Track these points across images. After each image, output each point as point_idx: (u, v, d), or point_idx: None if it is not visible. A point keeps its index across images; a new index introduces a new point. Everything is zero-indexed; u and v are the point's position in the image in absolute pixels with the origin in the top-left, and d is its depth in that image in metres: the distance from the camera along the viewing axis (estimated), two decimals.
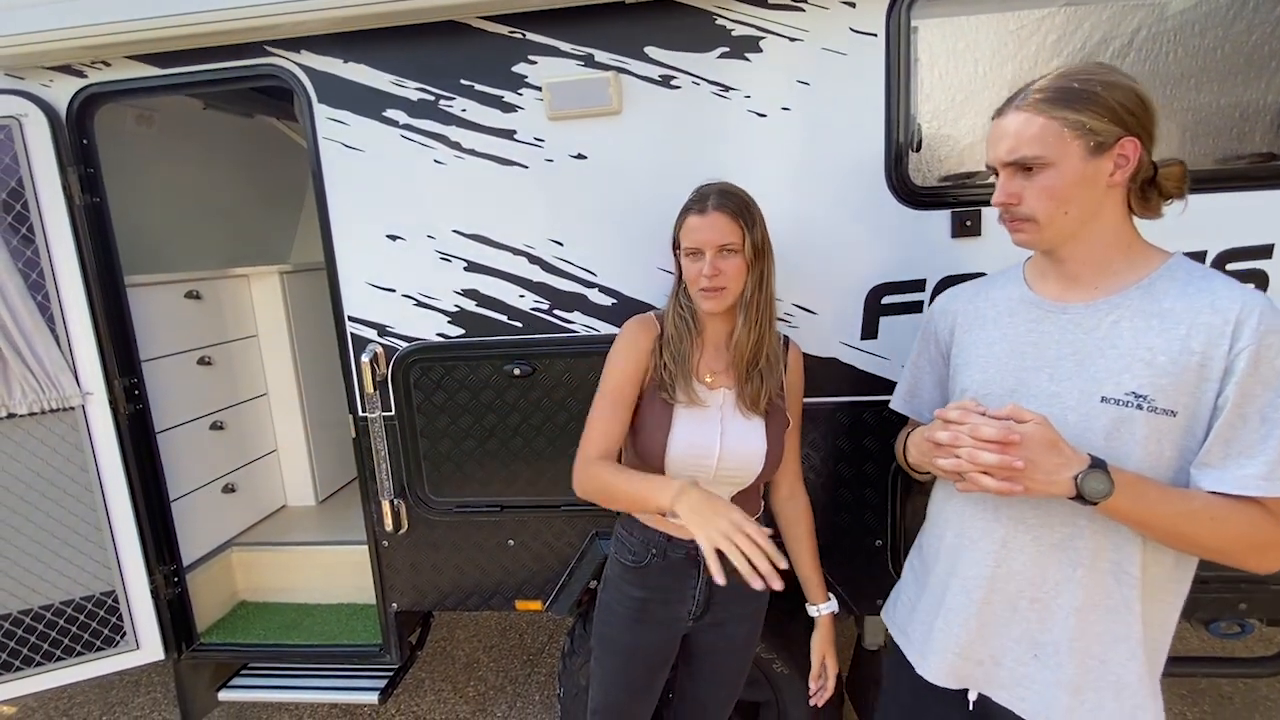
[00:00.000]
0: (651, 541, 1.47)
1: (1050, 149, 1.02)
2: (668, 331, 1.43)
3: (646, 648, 1.52)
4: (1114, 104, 1.00)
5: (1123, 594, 1.07)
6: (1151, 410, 1.01)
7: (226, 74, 1.81)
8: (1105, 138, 1.00)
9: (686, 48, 1.63)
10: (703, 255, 1.35)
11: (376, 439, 1.90)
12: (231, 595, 2.57)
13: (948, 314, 1.29)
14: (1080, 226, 1.06)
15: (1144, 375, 1.01)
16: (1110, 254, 1.08)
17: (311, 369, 3.03)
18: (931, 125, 1.61)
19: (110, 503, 2.06)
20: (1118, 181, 1.03)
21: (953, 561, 1.21)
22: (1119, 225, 1.07)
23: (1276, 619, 1.80)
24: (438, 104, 1.73)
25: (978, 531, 1.17)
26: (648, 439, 1.41)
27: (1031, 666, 1.13)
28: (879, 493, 1.78)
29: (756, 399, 1.41)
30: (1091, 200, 1.04)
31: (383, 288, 1.85)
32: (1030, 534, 1.11)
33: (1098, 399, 1.04)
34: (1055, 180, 1.03)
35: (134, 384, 2.11)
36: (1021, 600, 1.13)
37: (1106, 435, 1.03)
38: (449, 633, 3.39)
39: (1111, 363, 1.04)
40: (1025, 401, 1.08)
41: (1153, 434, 1.01)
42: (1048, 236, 1.08)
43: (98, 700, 2.98)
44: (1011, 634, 1.14)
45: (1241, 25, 1.50)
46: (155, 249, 2.80)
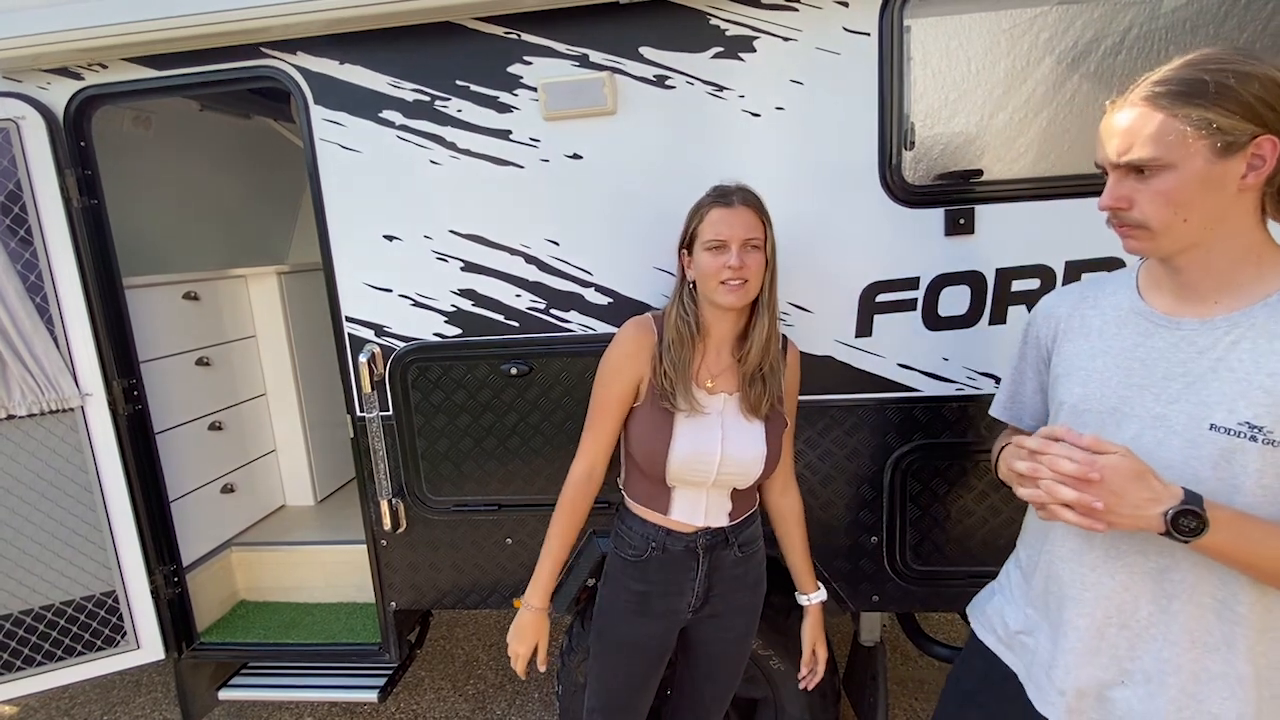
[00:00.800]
0: (650, 535, 1.48)
1: (1169, 150, 0.90)
2: (668, 337, 1.41)
3: (647, 641, 1.53)
4: (1250, 98, 0.87)
5: (1224, 631, 0.98)
6: (1268, 443, 0.91)
7: (223, 76, 1.81)
8: (1237, 137, 0.88)
9: (681, 48, 1.64)
10: (727, 248, 1.34)
11: (374, 439, 1.91)
12: (231, 595, 2.58)
13: (1051, 318, 1.19)
14: (1202, 235, 0.94)
15: (1263, 403, 0.91)
16: (1236, 266, 0.96)
17: (309, 369, 3.04)
18: (924, 124, 1.62)
19: (110, 503, 2.07)
20: (1251, 185, 0.91)
21: (1045, 579, 1.15)
22: (1250, 233, 0.95)
23: None
24: (433, 105, 1.74)
25: (1069, 552, 1.10)
26: (649, 447, 1.42)
27: (1118, 691, 1.06)
28: (875, 489, 1.79)
29: (759, 405, 1.42)
30: (1217, 206, 0.92)
31: (380, 288, 1.85)
32: (1123, 560, 1.03)
33: (1206, 426, 0.94)
34: (1173, 184, 0.91)
35: (133, 385, 2.12)
36: (1109, 626, 1.06)
37: (1214, 465, 0.94)
38: (448, 631, 3.40)
39: (1227, 387, 0.94)
40: (1127, 423, 1.01)
41: (1269, 468, 0.91)
42: (1163, 245, 0.97)
43: (99, 700, 2.99)
44: (1100, 660, 1.07)
45: (1233, 23, 1.51)
46: (153, 250, 2.81)
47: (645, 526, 1.49)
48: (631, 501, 1.52)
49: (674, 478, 1.42)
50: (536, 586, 1.51)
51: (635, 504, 1.51)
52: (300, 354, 3.00)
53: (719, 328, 1.44)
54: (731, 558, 1.51)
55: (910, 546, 1.81)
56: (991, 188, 1.61)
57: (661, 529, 1.48)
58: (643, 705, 1.61)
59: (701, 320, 1.43)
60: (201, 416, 2.62)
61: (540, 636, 1.51)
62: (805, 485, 1.80)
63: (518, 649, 1.50)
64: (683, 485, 1.45)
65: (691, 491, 1.45)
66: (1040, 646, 1.15)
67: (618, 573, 1.54)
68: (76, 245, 1.95)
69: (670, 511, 1.47)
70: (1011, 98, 1.59)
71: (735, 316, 1.43)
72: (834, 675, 2.05)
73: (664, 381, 1.40)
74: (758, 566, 1.58)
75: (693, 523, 1.47)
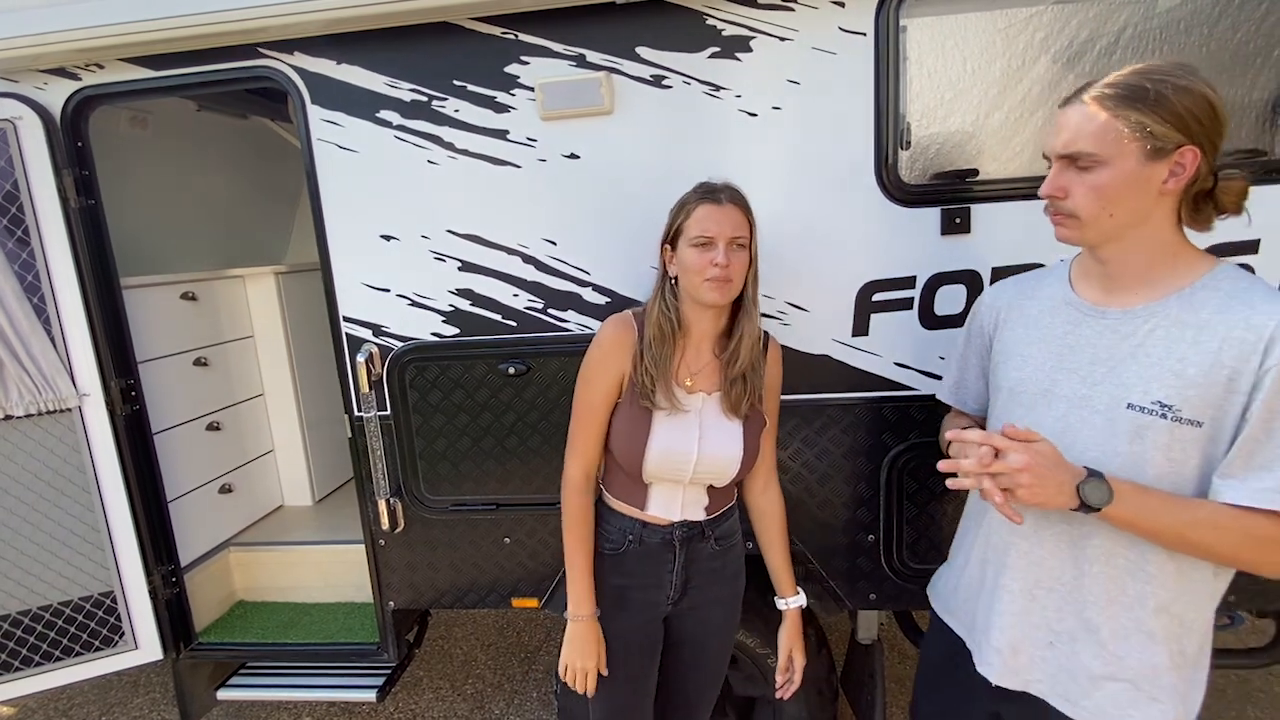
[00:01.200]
0: (628, 529, 1.49)
1: (1106, 147, 1.00)
2: (649, 333, 1.41)
3: (631, 635, 1.54)
4: (1182, 109, 0.97)
5: (1137, 589, 1.08)
6: (1176, 420, 1.01)
7: (220, 76, 1.81)
8: (1165, 143, 0.98)
9: (677, 48, 1.64)
10: (714, 245, 1.35)
11: (372, 438, 1.92)
12: (229, 595, 2.58)
13: (993, 308, 1.31)
14: (1125, 230, 1.05)
15: (1173, 385, 1.02)
16: (1154, 261, 1.06)
17: (307, 369, 3.04)
18: (920, 123, 1.63)
19: (108, 503, 2.07)
20: (1170, 189, 1.01)
21: (983, 550, 1.27)
22: (1166, 233, 1.05)
23: (1265, 611, 1.82)
24: (431, 105, 1.74)
25: (1004, 524, 1.20)
26: (626, 443, 1.42)
27: (1047, 652, 1.17)
28: (872, 488, 1.79)
29: (739, 404, 1.43)
30: (1140, 205, 1.02)
31: (377, 288, 1.86)
32: (1050, 529, 1.14)
33: (1124, 405, 1.05)
34: (1106, 179, 1.01)
35: (130, 385, 2.12)
36: (1039, 590, 1.17)
37: (1130, 441, 1.04)
38: (447, 631, 3.40)
39: (1143, 370, 1.05)
40: (1056, 403, 1.12)
41: (1175, 443, 1.02)
42: (1089, 235, 1.07)
43: (97, 701, 2.99)
44: (1030, 621, 1.18)
45: (1227, 23, 1.52)
46: (151, 251, 2.81)
47: (622, 520, 1.50)
48: (608, 496, 1.53)
49: (650, 475, 1.43)
50: (579, 593, 1.46)
51: (612, 498, 1.52)
52: (298, 354, 3.01)
53: (700, 325, 1.44)
54: (708, 550, 1.52)
55: (907, 545, 1.81)
56: (987, 187, 1.62)
57: (638, 521, 1.49)
58: (646, 704, 1.60)
59: (683, 317, 1.43)
60: (199, 417, 2.62)
61: (601, 644, 1.46)
62: (802, 484, 1.81)
63: (584, 664, 1.44)
64: (659, 482, 1.46)
65: (668, 488, 1.47)
66: (979, 612, 1.27)
67: (595, 569, 1.53)
68: (74, 245, 1.95)
69: (647, 507, 1.48)
70: (1007, 97, 1.59)
71: (716, 314, 1.44)
72: (832, 674, 2.05)
73: (644, 379, 1.39)
74: (736, 560, 1.58)
75: (669, 517, 1.48)
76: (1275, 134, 1.55)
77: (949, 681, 1.37)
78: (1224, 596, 1.09)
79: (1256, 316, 0.98)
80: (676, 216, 1.40)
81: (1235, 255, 1.57)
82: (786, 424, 1.78)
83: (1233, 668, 2.57)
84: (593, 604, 1.47)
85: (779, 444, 1.79)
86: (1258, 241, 1.56)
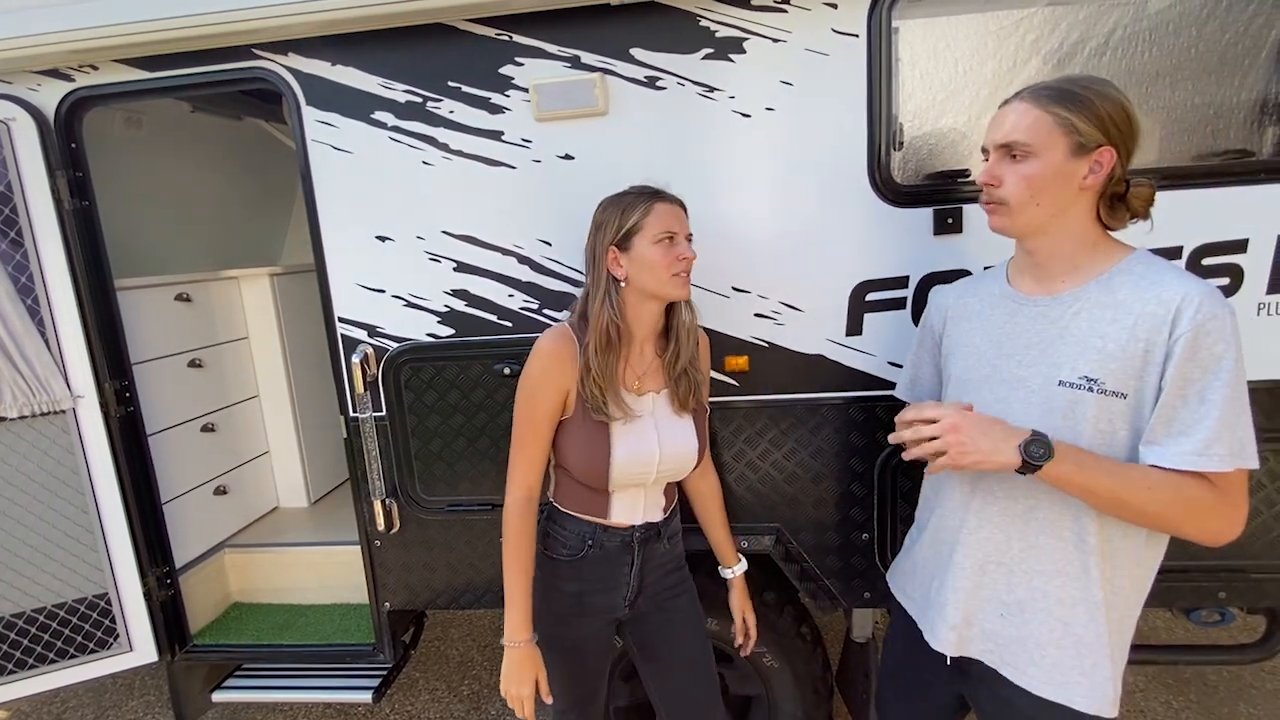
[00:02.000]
0: (587, 534, 1.50)
1: (1038, 139, 1.11)
2: (595, 343, 1.39)
3: (590, 639, 1.56)
4: (1103, 113, 1.08)
5: (1082, 560, 1.17)
6: (1101, 392, 1.11)
7: (214, 77, 1.81)
8: (1088, 141, 1.09)
9: (671, 49, 1.65)
10: (677, 239, 1.39)
11: (368, 439, 1.92)
12: (224, 597, 2.57)
13: (940, 308, 1.41)
14: (1048, 220, 1.15)
15: (1096, 360, 1.11)
16: (1075, 251, 1.17)
17: (303, 370, 3.04)
18: (913, 124, 1.64)
19: (102, 505, 2.06)
20: (1089, 185, 1.12)
21: (936, 531, 1.36)
22: (1086, 226, 1.16)
23: (1256, 607, 1.84)
24: (425, 106, 1.74)
25: (955, 504, 1.30)
26: (587, 458, 1.42)
27: (998, 624, 1.25)
28: (865, 487, 1.80)
29: (686, 399, 1.47)
30: (1063, 197, 1.13)
31: (372, 289, 1.86)
32: (997, 505, 1.23)
33: (1056, 383, 1.15)
34: (1035, 170, 1.12)
35: (125, 387, 2.12)
36: (989, 564, 1.25)
37: (1063, 416, 1.14)
38: (443, 632, 3.40)
39: (1070, 349, 1.14)
40: (997, 387, 1.22)
41: (1103, 414, 1.11)
42: (1017, 223, 1.17)
43: (91, 704, 2.98)
44: (982, 595, 1.26)
45: (1215, 25, 1.53)
46: (145, 252, 2.80)
47: (581, 525, 1.50)
48: (564, 509, 1.53)
49: (616, 484, 1.45)
50: (516, 619, 1.44)
51: (570, 510, 1.52)
52: (293, 355, 3.00)
53: (642, 327, 1.46)
54: (662, 549, 1.56)
55: (901, 543, 1.82)
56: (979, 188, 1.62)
57: (597, 525, 1.50)
58: (603, 688, 1.66)
59: (626, 321, 1.43)
60: (194, 418, 2.62)
61: (538, 669, 1.45)
62: (798, 483, 1.82)
63: (519, 691, 1.42)
64: (622, 490, 1.47)
65: (630, 494, 1.48)
66: (932, 591, 1.35)
67: (549, 576, 1.53)
68: (68, 247, 1.94)
69: (610, 515, 1.49)
70: (998, 98, 1.59)
71: (656, 314, 1.46)
72: (827, 672, 2.06)
73: (593, 392, 1.39)
74: (680, 554, 1.64)
75: (631, 521, 1.50)
76: (1262, 135, 1.56)
77: (909, 667, 1.44)
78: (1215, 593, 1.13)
79: (1165, 292, 1.07)
80: (626, 217, 1.39)
81: (1224, 254, 1.58)
82: (781, 424, 1.79)
83: (1224, 664, 2.59)
84: (530, 630, 1.45)
85: (775, 444, 1.80)
86: (1246, 241, 1.58)
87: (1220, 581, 1.74)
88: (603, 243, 1.42)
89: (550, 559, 1.53)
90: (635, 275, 1.40)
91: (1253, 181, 1.56)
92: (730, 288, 1.74)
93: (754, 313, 1.74)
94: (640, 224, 1.38)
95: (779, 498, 1.83)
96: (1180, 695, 2.63)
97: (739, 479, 1.83)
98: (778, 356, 1.76)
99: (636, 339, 1.46)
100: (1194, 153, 1.58)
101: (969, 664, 1.31)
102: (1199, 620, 1.82)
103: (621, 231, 1.39)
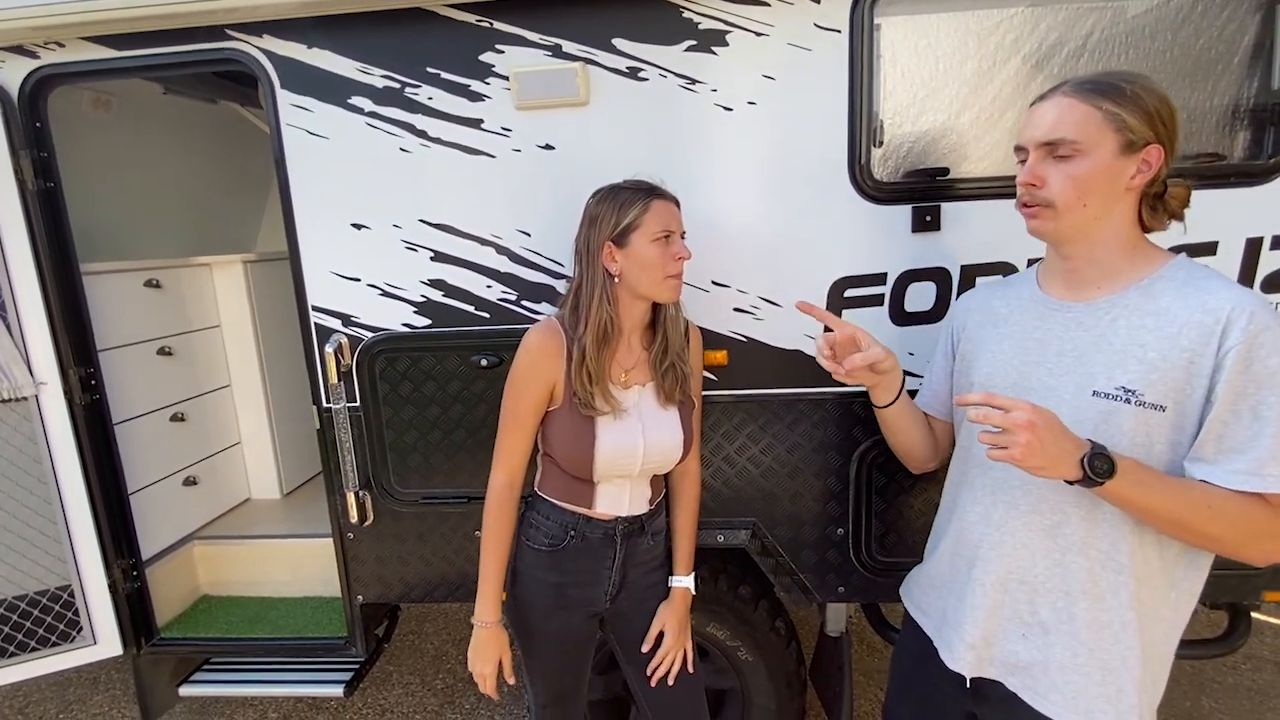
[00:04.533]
0: (570, 524, 1.49)
1: (1088, 136, 1.04)
2: (588, 339, 1.38)
3: (571, 632, 1.55)
4: (1151, 109, 1.03)
5: (1110, 580, 1.10)
6: (1140, 404, 1.05)
7: (186, 58, 1.77)
8: (1137, 139, 1.03)
9: (654, 40, 1.64)
10: (673, 238, 1.38)
11: (341, 430, 1.89)
12: (193, 589, 2.53)
13: (966, 310, 1.35)
14: (1093, 223, 1.09)
15: (1136, 371, 1.05)
16: (1115, 256, 1.11)
17: (277, 360, 2.99)
18: (893, 121, 1.64)
19: (65, 495, 2.01)
20: (1136, 185, 1.07)
21: (955, 543, 1.29)
22: (1128, 229, 1.10)
23: (1218, 603, 1.88)
24: (404, 91, 1.72)
25: (976, 515, 1.24)
26: (572, 448, 1.42)
27: (1019, 645, 1.18)
28: (841, 482, 1.81)
29: (673, 392, 1.46)
30: (1109, 199, 1.07)
31: (347, 277, 1.83)
32: (1021, 519, 1.16)
33: (1090, 393, 1.09)
34: (1084, 169, 1.05)
35: (90, 374, 2.06)
36: (1011, 581, 1.18)
37: (1095, 428, 1.07)
38: (418, 626, 3.37)
39: (1106, 358, 1.08)
40: (1025, 395, 1.12)
41: (1140, 427, 1.05)
42: (1062, 227, 1.10)
43: (55, 698, 2.92)
44: (1003, 614, 1.20)
45: (1190, 29, 1.55)
46: (113, 236, 2.74)
47: (564, 515, 1.50)
48: (549, 497, 1.52)
49: (600, 474, 1.44)
50: (486, 601, 1.48)
51: (554, 499, 1.52)
52: (267, 345, 2.95)
53: (631, 322, 1.46)
54: (645, 545, 1.56)
55: (876, 538, 1.83)
56: (957, 186, 1.64)
57: (581, 516, 1.49)
58: (585, 682, 1.66)
59: (618, 316, 1.42)
60: (163, 407, 2.56)
61: (502, 650, 1.50)
62: (774, 478, 1.82)
63: (483, 669, 1.49)
64: (608, 481, 1.47)
65: (616, 485, 1.48)
66: (949, 607, 1.29)
67: (530, 567, 1.53)
68: (31, 229, 1.88)
69: (595, 505, 1.48)
70: (978, 97, 1.61)
71: (645, 308, 1.46)
72: (800, 666, 2.07)
73: (583, 385, 1.38)
74: (666, 551, 1.63)
75: (616, 513, 1.49)
76: (1234, 139, 1.59)
77: (923, 682, 1.36)
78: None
79: (1212, 301, 1.02)
80: (624, 213, 1.37)
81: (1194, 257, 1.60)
82: (759, 418, 1.79)
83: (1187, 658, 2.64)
84: (498, 612, 1.50)
85: (752, 438, 1.80)
86: (1215, 244, 1.60)
87: None
88: (598, 238, 1.40)
89: (532, 549, 1.53)
90: (629, 272, 1.39)
91: (1223, 185, 1.58)
92: (710, 282, 1.73)
93: (733, 307, 1.74)
94: (638, 221, 1.36)
95: (755, 492, 1.84)
96: None
97: (716, 473, 1.83)
98: (756, 351, 1.76)
99: (625, 332, 1.46)
100: None
101: (985, 685, 1.24)
102: None
103: (619, 228, 1.37)
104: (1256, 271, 1.60)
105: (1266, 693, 2.65)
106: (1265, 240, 1.59)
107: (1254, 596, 1.79)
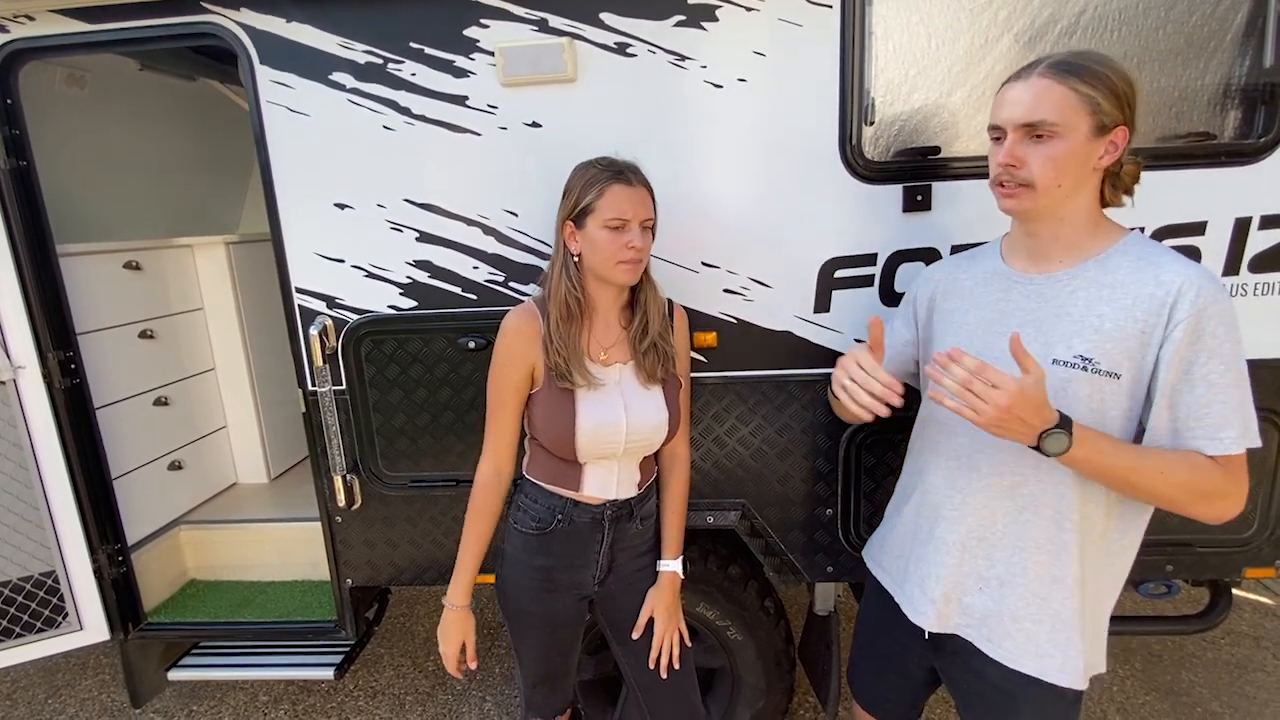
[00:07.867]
0: (558, 507, 1.49)
1: (1064, 118, 1.07)
2: (555, 314, 1.39)
3: (560, 615, 1.55)
4: (1120, 91, 1.07)
5: (1061, 538, 1.18)
6: (1095, 372, 1.10)
7: (161, 32, 1.72)
8: (1109, 121, 1.07)
9: (642, 15, 1.60)
10: (628, 228, 1.34)
11: (327, 413, 1.87)
12: (180, 574, 2.51)
13: (931, 281, 1.39)
14: (1064, 202, 1.13)
15: (1092, 340, 1.11)
16: (1078, 232, 1.16)
17: (262, 343, 2.95)
18: (885, 99, 1.62)
19: (46, 480, 1.98)
20: (1102, 165, 1.11)
21: (918, 506, 1.35)
22: (1091, 207, 1.15)
23: (1200, 579, 1.90)
24: (386, 67, 1.68)
25: (939, 479, 1.30)
26: (555, 428, 1.41)
27: (976, 598, 1.26)
28: (830, 463, 1.81)
29: (654, 371, 1.44)
30: (1079, 178, 1.11)
31: (331, 258, 1.80)
32: (983, 480, 1.23)
33: (1050, 361, 1.13)
34: (1061, 150, 1.08)
35: (70, 358, 2.03)
36: (972, 540, 1.25)
37: (1054, 394, 1.10)
38: (409, 609, 3.38)
39: (1065, 328, 1.14)
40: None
41: (1095, 393, 1.11)
42: (1040, 206, 1.13)
43: (43, 683, 2.90)
44: (963, 570, 1.27)
45: (1183, 7, 1.54)
46: (91, 217, 2.68)
47: (551, 498, 1.49)
48: (536, 480, 1.52)
49: (585, 453, 1.42)
50: (458, 585, 1.51)
51: (541, 482, 1.51)
52: (251, 327, 2.91)
53: (604, 300, 1.45)
54: (634, 529, 1.55)
55: (864, 518, 1.84)
56: (948, 165, 1.62)
57: (569, 500, 1.48)
58: (574, 663, 1.67)
59: (587, 294, 1.42)
60: (146, 391, 2.53)
61: (466, 634, 1.52)
62: (763, 459, 1.82)
63: (445, 649, 1.52)
64: (594, 461, 1.45)
65: (603, 466, 1.47)
66: (911, 563, 1.35)
67: (517, 550, 1.53)
68: (4, 209, 1.84)
69: (582, 488, 1.47)
70: (970, 75, 1.59)
71: (619, 289, 1.44)
72: (789, 644, 2.09)
73: (558, 360, 1.38)
74: (653, 535, 1.62)
75: (604, 496, 1.49)
76: (1224, 118, 1.58)
77: (885, 638, 1.45)
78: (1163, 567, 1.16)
79: (1165, 274, 1.07)
80: (583, 194, 1.35)
81: (1182, 236, 1.61)
82: (748, 400, 1.78)
83: (1169, 634, 2.70)
84: (469, 598, 1.53)
85: (742, 420, 1.80)
86: (1204, 224, 1.60)
87: (1167, 555, 1.80)
88: (560, 215, 1.40)
89: (519, 532, 1.52)
90: (586, 253, 1.38)
91: (1213, 164, 1.58)
92: (700, 263, 1.72)
93: (723, 288, 1.73)
94: (594, 205, 1.34)
95: (745, 473, 1.84)
96: (1126, 664, 2.73)
97: (705, 454, 1.83)
98: (746, 333, 1.75)
99: (599, 311, 1.44)
100: (1157, 135, 1.60)
101: (944, 638, 1.32)
102: (1147, 592, 1.88)
103: (577, 208, 1.36)
104: (1244, 251, 1.61)
105: (1245, 666, 2.71)
106: (1254, 220, 1.59)
107: (1235, 573, 1.81)
